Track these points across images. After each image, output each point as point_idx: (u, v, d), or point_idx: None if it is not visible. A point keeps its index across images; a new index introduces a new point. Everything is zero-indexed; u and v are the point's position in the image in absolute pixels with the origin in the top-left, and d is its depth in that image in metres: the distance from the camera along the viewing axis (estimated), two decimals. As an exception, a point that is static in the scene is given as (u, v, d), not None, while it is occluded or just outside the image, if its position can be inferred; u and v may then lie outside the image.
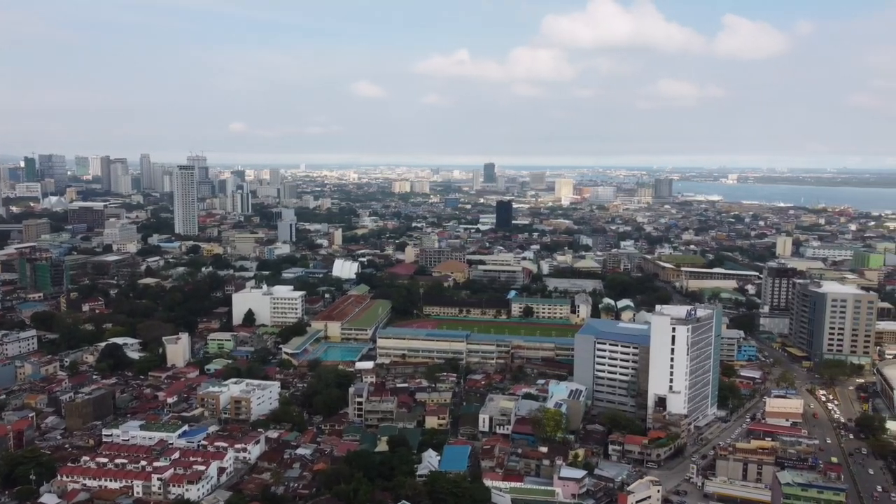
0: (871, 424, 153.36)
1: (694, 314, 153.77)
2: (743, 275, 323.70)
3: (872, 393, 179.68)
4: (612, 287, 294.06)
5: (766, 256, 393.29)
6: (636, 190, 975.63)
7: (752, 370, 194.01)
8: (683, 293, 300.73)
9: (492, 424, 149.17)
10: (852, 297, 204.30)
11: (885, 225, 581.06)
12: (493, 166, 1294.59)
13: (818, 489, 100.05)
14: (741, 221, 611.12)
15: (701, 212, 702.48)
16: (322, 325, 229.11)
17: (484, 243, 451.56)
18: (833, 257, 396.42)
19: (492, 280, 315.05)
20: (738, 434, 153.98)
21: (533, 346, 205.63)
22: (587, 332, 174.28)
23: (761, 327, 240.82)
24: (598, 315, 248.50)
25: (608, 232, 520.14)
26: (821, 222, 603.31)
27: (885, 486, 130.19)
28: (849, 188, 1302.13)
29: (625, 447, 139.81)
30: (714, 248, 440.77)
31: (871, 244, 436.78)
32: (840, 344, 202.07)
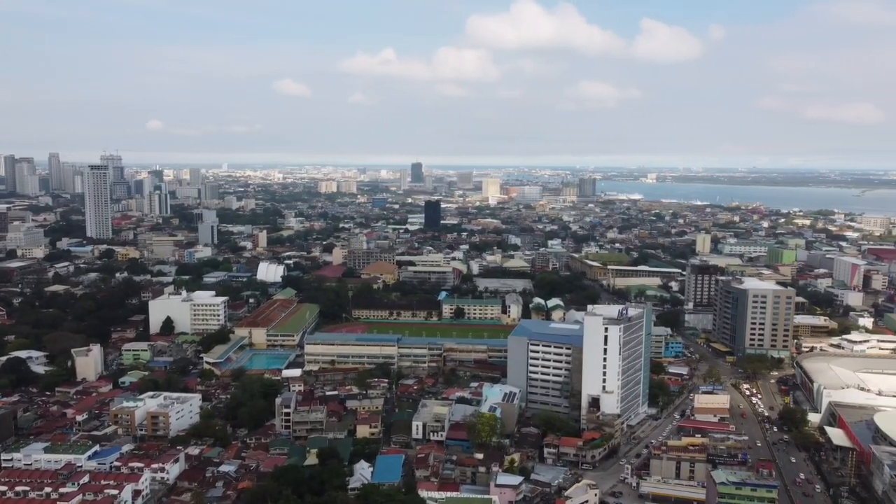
0: (794, 417, 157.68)
1: (625, 314, 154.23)
2: (667, 272, 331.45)
3: (793, 385, 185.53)
4: (541, 286, 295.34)
5: (687, 253, 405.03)
6: (561, 189, 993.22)
7: (679, 367, 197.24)
8: (611, 291, 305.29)
9: (425, 431, 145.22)
10: (772, 292, 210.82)
11: (795, 222, 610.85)
12: (420, 166, 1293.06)
13: (752, 487, 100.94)
14: (662, 219, 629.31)
15: (623, 210, 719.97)
16: (246, 331, 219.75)
17: (413, 244, 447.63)
18: (749, 253, 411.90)
19: (422, 281, 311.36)
20: (669, 431, 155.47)
21: (465, 348, 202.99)
22: (520, 333, 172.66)
23: (686, 323, 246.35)
24: (529, 315, 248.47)
25: (536, 231, 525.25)
26: (735, 220, 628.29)
27: (808, 477, 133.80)
28: (759, 187, 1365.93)
29: (560, 450, 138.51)
30: (637, 245, 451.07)
31: (784, 241, 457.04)
32: (761, 338, 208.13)
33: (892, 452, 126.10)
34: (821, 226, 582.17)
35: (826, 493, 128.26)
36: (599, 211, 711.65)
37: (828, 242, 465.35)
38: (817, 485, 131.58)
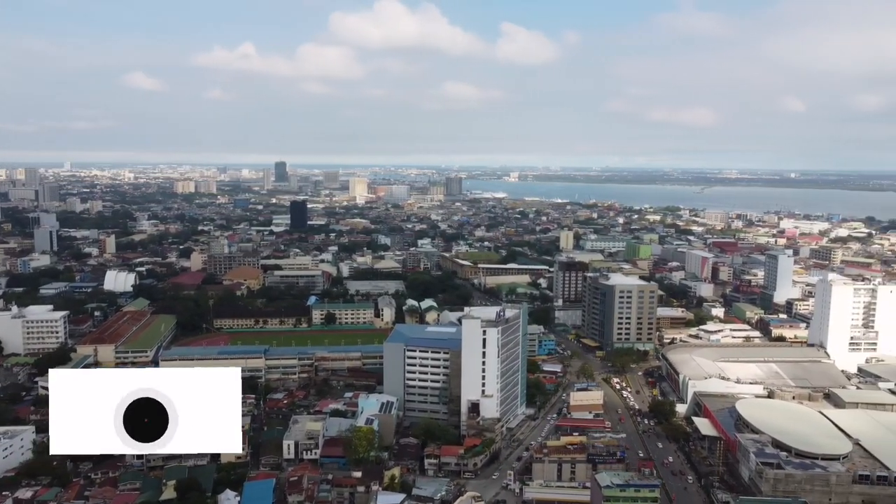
0: (663, 409, 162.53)
1: (503, 315, 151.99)
2: (535, 269, 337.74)
3: (658, 377, 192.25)
4: (414, 287, 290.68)
5: (552, 250, 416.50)
6: (429, 188, 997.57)
7: (553, 364, 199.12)
8: (482, 290, 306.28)
9: (298, 450, 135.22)
10: (637, 287, 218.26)
11: (647, 218, 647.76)
12: (284, 165, 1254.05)
13: (635, 488, 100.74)
14: (526, 217, 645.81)
15: (490, 209, 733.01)
16: (91, 349, 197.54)
17: (279, 246, 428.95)
18: (609, 249, 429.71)
19: (289, 286, 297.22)
20: (547, 431, 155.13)
21: (338, 356, 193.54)
22: (396, 339, 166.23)
23: (556, 320, 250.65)
24: (403, 317, 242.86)
25: (405, 231, 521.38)
26: (594, 217, 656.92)
27: (681, 468, 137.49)
28: (612, 185, 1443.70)
29: (441, 460, 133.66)
30: (505, 243, 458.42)
31: (639, 236, 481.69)
32: (628, 332, 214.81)
33: (756, 440, 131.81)
34: (669, 221, 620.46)
35: (698, 483, 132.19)
36: (467, 209, 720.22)
37: (677, 237, 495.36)
38: (689, 476, 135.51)
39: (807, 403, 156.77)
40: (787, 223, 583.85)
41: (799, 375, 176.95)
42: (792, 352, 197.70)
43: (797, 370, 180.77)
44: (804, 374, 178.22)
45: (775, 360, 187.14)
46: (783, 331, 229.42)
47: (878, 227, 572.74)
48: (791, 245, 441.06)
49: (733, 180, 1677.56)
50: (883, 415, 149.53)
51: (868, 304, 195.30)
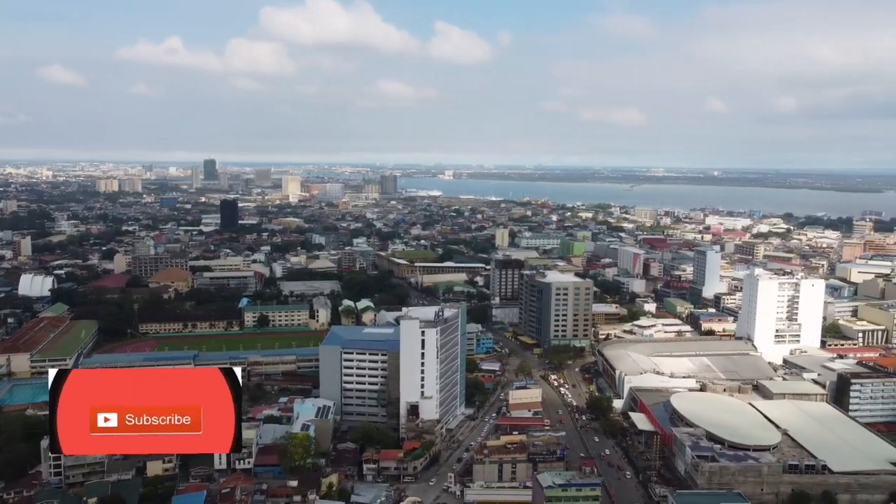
0: (601, 405, 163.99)
1: (442, 315, 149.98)
2: (472, 267, 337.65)
3: (595, 373, 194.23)
4: (349, 287, 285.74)
5: (488, 248, 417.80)
6: (363, 186, 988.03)
7: (491, 363, 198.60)
8: (419, 289, 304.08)
9: (230, 460, 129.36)
10: (572, 284, 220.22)
11: (579, 215, 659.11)
12: (214, 163, 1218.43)
13: (577, 487, 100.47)
14: (462, 215, 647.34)
15: (425, 207, 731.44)
16: (3, 358, 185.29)
17: (209, 246, 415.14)
18: (543, 246, 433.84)
19: (220, 288, 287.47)
20: (487, 431, 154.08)
21: (272, 360, 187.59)
22: (332, 341, 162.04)
23: (494, 318, 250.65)
24: (339, 318, 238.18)
25: (340, 230, 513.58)
26: (528, 214, 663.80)
27: (619, 464, 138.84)
28: (545, 183, 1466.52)
29: (380, 464, 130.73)
30: (441, 241, 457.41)
31: (573, 233, 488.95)
32: (564, 329, 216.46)
33: (691, 433, 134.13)
34: (601, 218, 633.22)
35: (636, 477, 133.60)
36: (402, 208, 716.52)
37: (609, 234, 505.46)
38: (627, 471, 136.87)
39: (737, 396, 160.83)
40: (712, 220, 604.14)
41: (729, 368, 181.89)
42: (721, 345, 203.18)
43: (727, 363, 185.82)
44: (734, 366, 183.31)
45: (706, 353, 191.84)
46: (712, 324, 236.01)
47: (796, 223, 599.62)
48: (717, 241, 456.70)
49: (660, 178, 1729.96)
50: (808, 404, 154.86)
51: (792, 297, 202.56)
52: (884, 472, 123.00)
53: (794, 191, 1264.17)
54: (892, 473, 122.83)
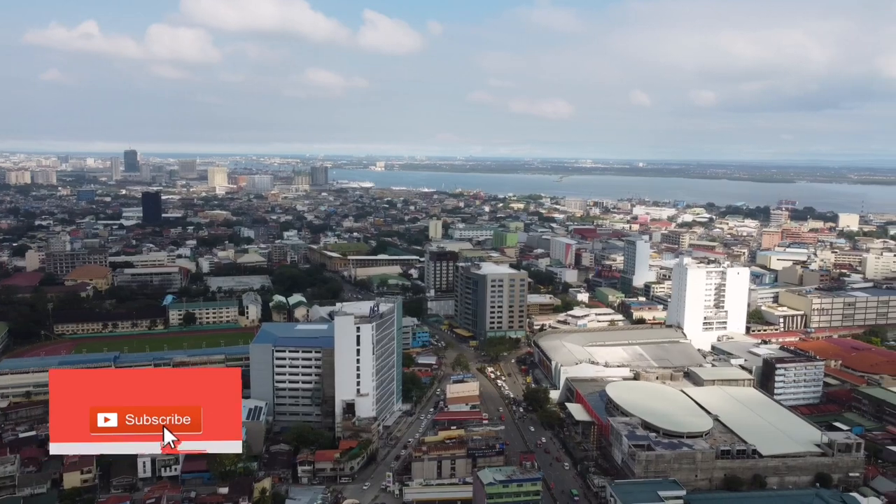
0: (538, 397, 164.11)
1: (377, 310, 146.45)
2: (405, 259, 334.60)
3: (531, 364, 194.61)
4: (280, 282, 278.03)
5: (422, 240, 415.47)
6: (293, 178, 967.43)
7: (427, 356, 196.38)
8: (353, 282, 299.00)
9: (155, 467, 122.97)
10: (507, 276, 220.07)
11: (511, 206, 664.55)
12: (135, 154, 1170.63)
13: (518, 482, 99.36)
14: (394, 207, 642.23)
15: (357, 198, 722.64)
16: None
17: (130, 241, 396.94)
18: (477, 237, 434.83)
19: (143, 285, 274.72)
20: (425, 427, 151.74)
21: (199, 359, 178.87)
22: (263, 339, 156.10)
23: (429, 311, 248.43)
24: (270, 314, 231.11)
25: (270, 222, 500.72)
26: (461, 205, 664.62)
27: (558, 455, 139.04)
28: (476, 174, 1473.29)
29: (315, 465, 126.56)
30: (374, 233, 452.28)
31: (506, 224, 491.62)
32: (500, 321, 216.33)
33: (627, 422, 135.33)
34: (533, 209, 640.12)
35: (574, 468, 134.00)
36: (334, 200, 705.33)
37: (541, 224, 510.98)
38: (565, 462, 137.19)
39: (669, 383, 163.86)
40: (639, 210, 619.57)
41: (660, 356, 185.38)
42: (653, 333, 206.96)
43: (659, 351, 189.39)
44: (665, 354, 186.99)
45: (638, 342, 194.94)
46: (643, 313, 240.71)
47: (718, 213, 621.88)
48: (644, 230, 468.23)
49: (588, 169, 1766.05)
50: (736, 390, 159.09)
51: (719, 285, 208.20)
52: (809, 454, 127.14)
53: (715, 181, 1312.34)
54: (817, 455, 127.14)
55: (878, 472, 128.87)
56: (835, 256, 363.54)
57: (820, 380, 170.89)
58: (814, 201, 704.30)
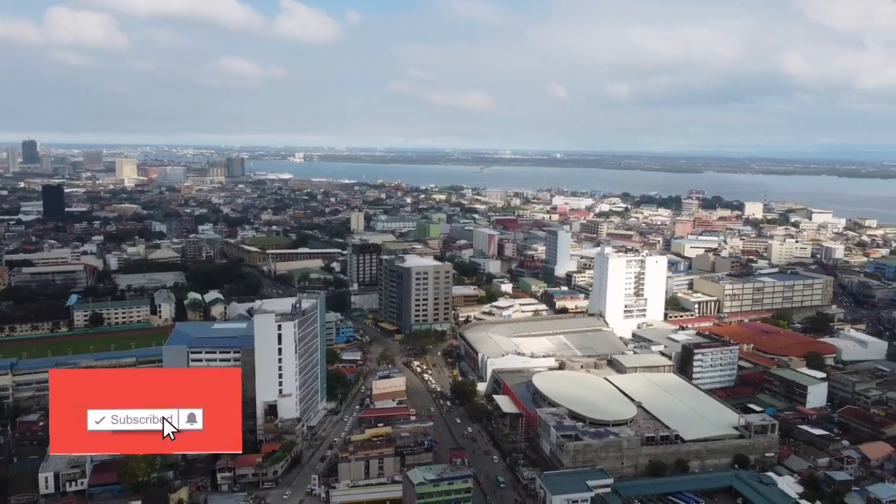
0: (465, 390, 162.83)
1: (299, 307, 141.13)
2: (327, 252, 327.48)
3: (457, 357, 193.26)
4: (196, 278, 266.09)
5: (343, 232, 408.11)
6: (208, 169, 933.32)
7: (352, 352, 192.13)
8: (273, 277, 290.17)
9: (59, 482, 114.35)
10: (432, 268, 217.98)
11: (433, 197, 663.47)
12: (34, 144, 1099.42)
13: (448, 481, 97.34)
14: (315, 198, 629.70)
15: (276, 190, 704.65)
16: None
17: (30, 238, 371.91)
18: (399, 229, 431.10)
19: (44, 284, 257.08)
20: (351, 425, 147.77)
21: (107, 363, 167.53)
22: (177, 340, 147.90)
23: (353, 305, 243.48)
24: (185, 313, 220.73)
25: (183, 216, 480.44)
26: (383, 197, 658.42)
27: (487, 449, 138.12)
28: (398, 165, 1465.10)
29: (236, 472, 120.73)
30: (294, 226, 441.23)
31: (428, 215, 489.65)
32: (425, 314, 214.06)
33: (554, 413, 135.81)
34: (455, 200, 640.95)
35: (503, 461, 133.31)
36: (251, 192, 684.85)
37: (463, 215, 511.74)
38: (494, 455, 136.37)
39: (593, 371, 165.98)
40: (558, 200, 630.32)
41: (584, 345, 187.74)
42: (576, 322, 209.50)
43: (582, 340, 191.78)
44: (588, 343, 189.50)
45: (563, 331, 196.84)
46: (565, 302, 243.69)
47: (633, 202, 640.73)
48: (564, 220, 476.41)
49: (508, 160, 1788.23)
50: (657, 376, 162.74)
51: (638, 273, 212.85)
52: (728, 437, 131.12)
53: (629, 172, 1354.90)
54: (735, 438, 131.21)
55: (791, 451, 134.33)
56: (742, 243, 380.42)
57: (735, 363, 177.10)
58: (721, 191, 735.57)
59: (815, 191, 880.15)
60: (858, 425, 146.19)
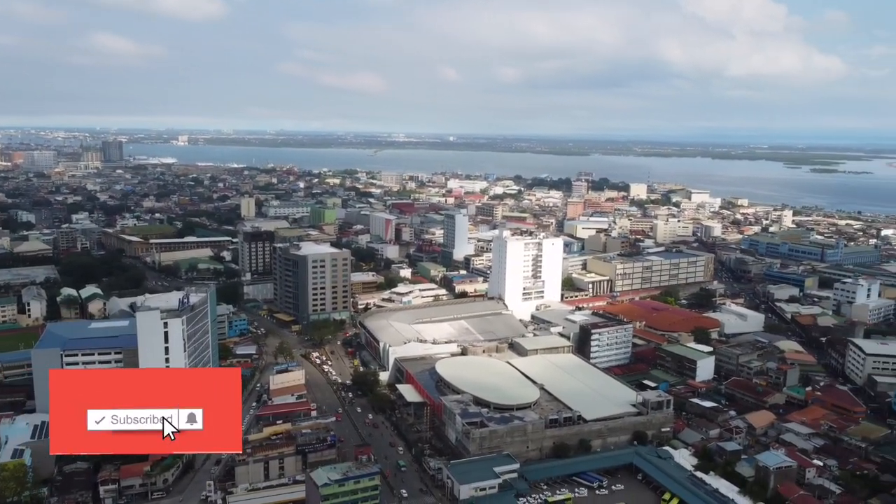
0: (367, 380, 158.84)
1: (187, 302, 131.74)
2: (217, 241, 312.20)
3: (357, 346, 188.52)
4: (70, 272, 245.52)
5: (233, 219, 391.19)
6: (82, 154, 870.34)
7: (247, 346, 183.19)
8: (157, 269, 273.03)
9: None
10: (329, 255, 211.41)
11: (327, 181, 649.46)
12: None
13: (354, 479, 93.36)
14: (201, 184, 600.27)
15: (158, 176, 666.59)
16: None
17: None
18: (293, 215, 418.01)
19: None
20: (248, 423, 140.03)
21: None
22: (50, 343, 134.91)
23: (246, 296, 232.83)
24: (58, 310, 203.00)
25: (55, 204, 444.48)
26: (274, 182, 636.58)
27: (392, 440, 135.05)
28: (288, 149, 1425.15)
29: (121, 483, 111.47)
30: (180, 214, 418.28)
31: (322, 200, 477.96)
32: (323, 303, 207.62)
33: (459, 400, 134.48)
34: (349, 184, 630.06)
35: (409, 452, 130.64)
36: (131, 177, 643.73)
37: (358, 200, 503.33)
38: (399, 446, 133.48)
39: (495, 355, 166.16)
40: (453, 183, 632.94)
41: (485, 329, 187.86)
42: (476, 306, 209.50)
43: (483, 324, 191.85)
44: (489, 326, 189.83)
45: (463, 316, 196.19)
46: (465, 286, 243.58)
47: (525, 185, 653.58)
48: (459, 203, 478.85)
49: (402, 143, 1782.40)
50: (557, 357, 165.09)
51: (535, 256, 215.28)
52: (627, 415, 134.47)
53: (520, 154, 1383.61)
54: (633, 415, 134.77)
55: (685, 424, 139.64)
56: (630, 223, 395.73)
57: (629, 341, 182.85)
58: (607, 172, 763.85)
59: (693, 172, 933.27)
60: (743, 396, 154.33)
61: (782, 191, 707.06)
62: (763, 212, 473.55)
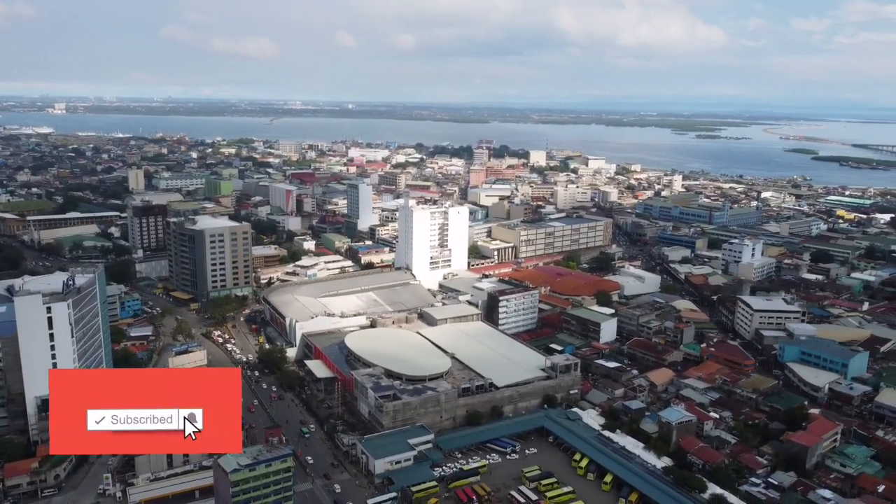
0: (273, 357, 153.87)
1: (72, 283, 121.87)
2: (103, 216, 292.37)
3: (262, 322, 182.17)
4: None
5: (121, 192, 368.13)
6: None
7: (142, 327, 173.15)
8: (37, 248, 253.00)
9: None
10: (228, 229, 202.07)
11: (221, 151, 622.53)
12: None
13: (266, 463, 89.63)
14: (83, 156, 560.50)
15: (33, 147, 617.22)
16: None
17: None
18: (186, 187, 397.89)
19: None
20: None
21: None
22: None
23: (139, 274, 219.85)
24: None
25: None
26: (164, 152, 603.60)
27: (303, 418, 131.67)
28: (178, 117, 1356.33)
29: (6, 483, 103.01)
30: (60, 188, 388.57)
31: (218, 171, 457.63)
32: (223, 279, 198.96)
33: (370, 373, 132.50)
34: (246, 154, 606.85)
35: (320, 429, 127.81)
36: (2, 149, 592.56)
37: (256, 170, 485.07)
38: (311, 423, 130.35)
39: (405, 326, 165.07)
40: (354, 152, 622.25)
41: (394, 300, 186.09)
42: (383, 277, 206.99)
43: (391, 295, 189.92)
44: (398, 297, 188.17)
45: (371, 287, 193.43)
46: (371, 257, 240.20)
47: (427, 153, 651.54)
48: (361, 173, 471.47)
49: (298, 111, 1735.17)
50: (467, 325, 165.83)
51: (442, 225, 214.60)
52: (536, 380, 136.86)
53: (420, 122, 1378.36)
54: (543, 379, 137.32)
55: (591, 385, 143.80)
56: (532, 190, 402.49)
57: (535, 307, 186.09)
58: (507, 140, 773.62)
59: (588, 139, 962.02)
60: (644, 355, 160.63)
61: (672, 156, 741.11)
62: (655, 177, 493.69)
